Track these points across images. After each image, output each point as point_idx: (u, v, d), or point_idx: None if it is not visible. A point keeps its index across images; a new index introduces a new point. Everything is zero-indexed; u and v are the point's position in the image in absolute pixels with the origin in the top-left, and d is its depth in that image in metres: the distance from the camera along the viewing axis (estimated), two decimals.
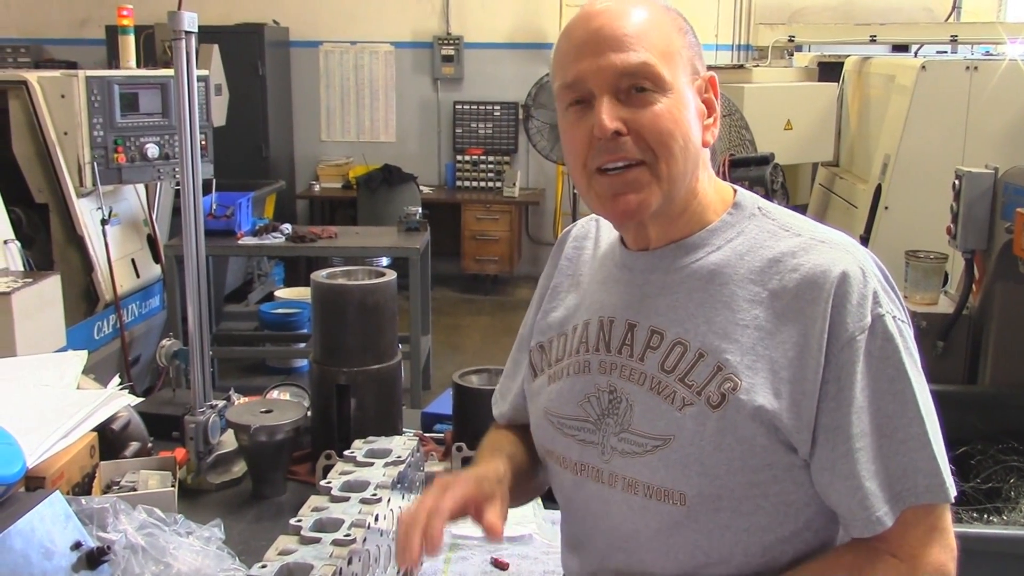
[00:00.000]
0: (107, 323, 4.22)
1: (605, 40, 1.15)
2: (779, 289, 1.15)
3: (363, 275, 2.04)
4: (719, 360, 1.15)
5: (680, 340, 1.18)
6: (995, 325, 3.02)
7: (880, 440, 1.12)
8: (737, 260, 1.19)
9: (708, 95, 1.23)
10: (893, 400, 1.12)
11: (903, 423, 1.12)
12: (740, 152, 4.38)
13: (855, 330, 1.11)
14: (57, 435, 1.70)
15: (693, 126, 1.18)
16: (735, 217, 1.24)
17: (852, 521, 1.14)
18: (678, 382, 1.17)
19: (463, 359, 6.05)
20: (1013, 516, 2.55)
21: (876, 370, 1.12)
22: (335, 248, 5.16)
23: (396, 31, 8.17)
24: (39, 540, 1.33)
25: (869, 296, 1.12)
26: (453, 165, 8.22)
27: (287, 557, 1.26)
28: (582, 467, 1.26)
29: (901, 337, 1.14)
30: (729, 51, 7.83)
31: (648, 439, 1.18)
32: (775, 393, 1.12)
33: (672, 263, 1.23)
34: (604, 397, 1.24)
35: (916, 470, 1.11)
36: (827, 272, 1.13)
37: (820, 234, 1.20)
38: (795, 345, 1.12)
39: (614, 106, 1.15)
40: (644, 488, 1.19)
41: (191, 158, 1.98)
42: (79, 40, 7.96)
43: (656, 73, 1.14)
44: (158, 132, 4.26)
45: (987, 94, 4.19)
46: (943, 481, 1.13)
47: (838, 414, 1.11)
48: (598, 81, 1.15)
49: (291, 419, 1.92)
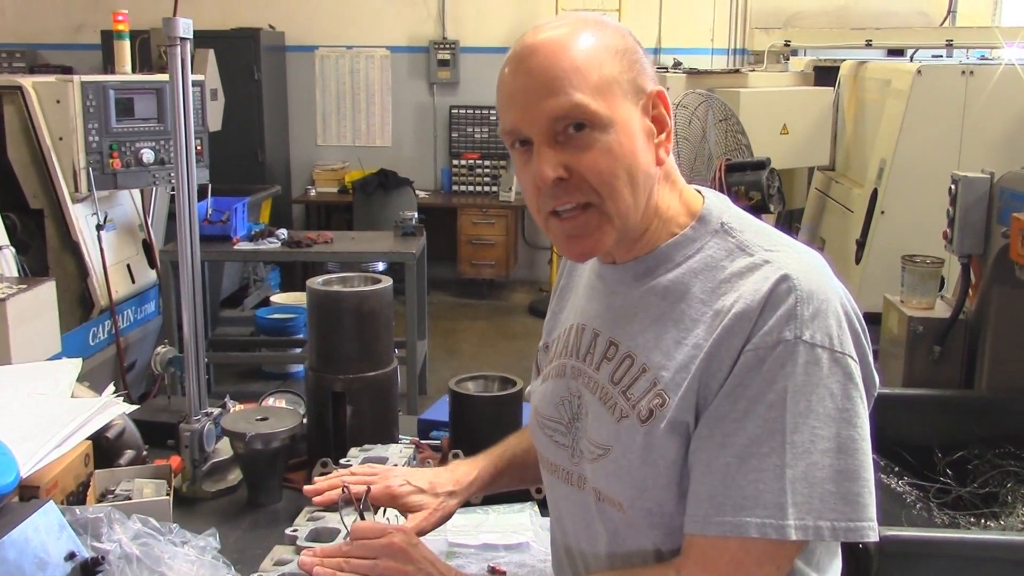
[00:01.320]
0: (102, 329, 4.21)
1: (536, 85, 1.14)
2: (720, 308, 1.14)
3: (359, 282, 2.03)
4: (655, 376, 1.16)
5: (630, 353, 1.20)
6: (991, 330, 3.02)
7: (729, 458, 1.09)
8: (691, 279, 1.19)
9: (657, 111, 1.20)
10: (761, 426, 1.08)
11: (761, 451, 1.08)
12: (736, 157, 4.39)
13: (752, 346, 1.09)
14: (51, 444, 1.69)
15: (640, 153, 1.16)
16: (697, 231, 1.22)
17: (687, 515, 1.14)
18: (620, 394, 1.19)
19: (460, 364, 6.05)
20: (1010, 521, 2.54)
21: (757, 390, 1.09)
22: (331, 253, 5.16)
23: (392, 36, 8.18)
24: (33, 550, 1.32)
25: (784, 318, 1.09)
26: (449, 170, 8.22)
27: (282, 568, 1.26)
28: (555, 468, 1.33)
29: (814, 366, 1.08)
30: (725, 55, 7.84)
31: (596, 447, 1.22)
32: (688, 406, 1.13)
33: (634, 278, 1.24)
34: (574, 402, 1.28)
35: (756, 503, 1.07)
36: (757, 291, 1.11)
37: (772, 253, 1.16)
38: (710, 356, 1.12)
39: (553, 152, 1.14)
40: (596, 493, 1.24)
41: (186, 164, 1.97)
42: (75, 45, 7.95)
43: (591, 112, 1.12)
44: (153, 137, 4.26)
45: (983, 98, 4.20)
46: (782, 520, 1.06)
47: (705, 417, 1.12)
48: (534, 129, 1.14)
49: (287, 427, 1.91)
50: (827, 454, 1.07)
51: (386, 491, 1.45)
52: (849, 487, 1.08)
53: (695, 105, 4.37)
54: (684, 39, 7.52)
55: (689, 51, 7.51)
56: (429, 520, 1.46)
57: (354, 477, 1.46)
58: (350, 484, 1.41)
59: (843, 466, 1.08)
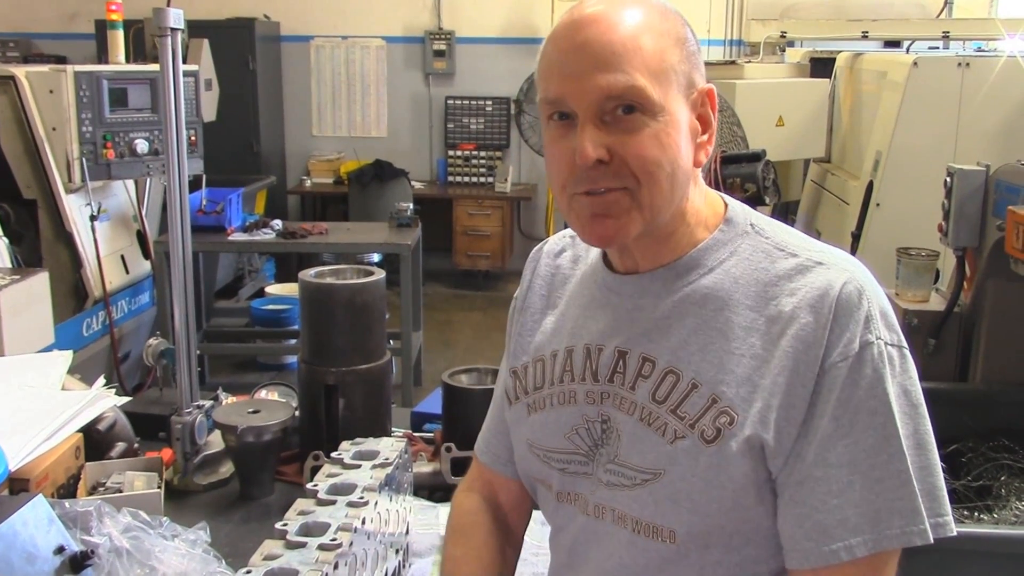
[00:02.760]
0: (96, 320, 4.20)
1: (592, 57, 1.06)
2: (775, 315, 1.08)
3: (352, 274, 2.02)
4: (714, 392, 1.08)
5: (672, 369, 1.11)
6: (986, 323, 3.01)
7: (851, 476, 1.04)
8: (732, 284, 1.12)
9: (704, 109, 1.13)
10: (873, 434, 1.04)
11: (880, 460, 1.04)
12: (731, 149, 4.38)
13: (838, 357, 1.04)
14: (41, 437, 1.68)
15: (683, 148, 1.10)
16: (727, 234, 1.16)
17: (792, 550, 1.07)
18: (669, 413, 1.10)
19: (454, 355, 6.05)
20: (1003, 514, 2.54)
21: (858, 401, 1.04)
22: (326, 244, 5.15)
23: (387, 26, 8.15)
24: (22, 544, 1.31)
25: (861, 321, 1.06)
26: (445, 160, 8.20)
27: (272, 562, 1.25)
28: (571, 497, 1.22)
29: (891, 366, 1.06)
30: (721, 47, 7.83)
31: (637, 472, 1.12)
32: (764, 424, 1.06)
33: (663, 287, 1.15)
34: (597, 427, 1.17)
35: (892, 512, 1.04)
36: (823, 295, 1.06)
37: (816, 254, 1.12)
38: (785, 370, 1.06)
39: (598, 132, 1.06)
40: (633, 523, 1.13)
41: (177, 155, 1.96)
42: (68, 35, 7.92)
43: (646, 96, 1.05)
44: (147, 127, 4.24)
45: (979, 91, 4.19)
46: (919, 524, 1.04)
47: (802, 440, 1.05)
48: (582, 104, 1.07)
49: (279, 419, 1.90)
50: (912, 451, 1.06)
51: None
52: (933, 482, 1.06)
53: None
54: None
55: None
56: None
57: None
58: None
59: (925, 462, 1.06)
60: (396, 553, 1.60)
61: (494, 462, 1.40)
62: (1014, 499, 2.58)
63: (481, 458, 1.43)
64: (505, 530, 1.39)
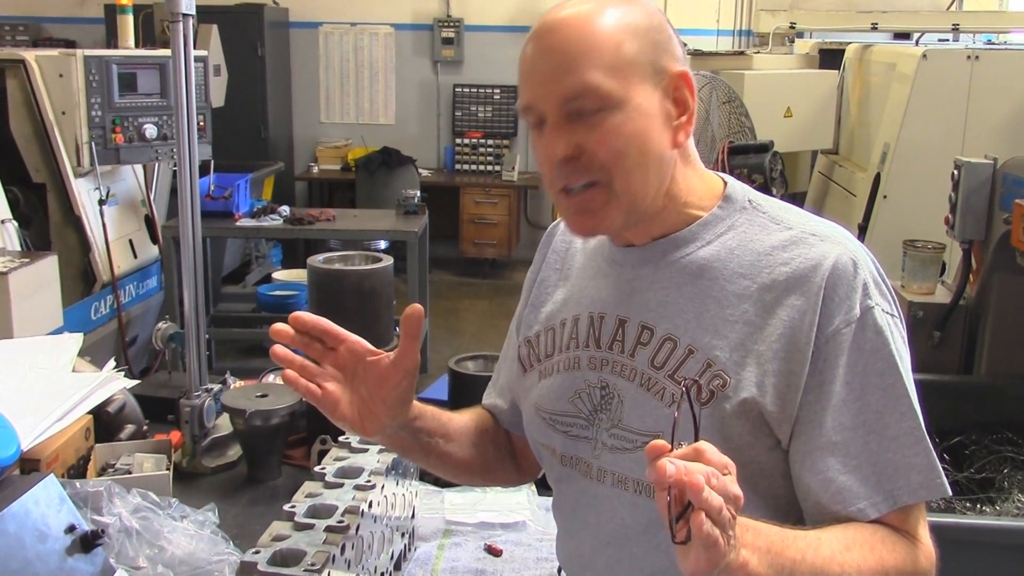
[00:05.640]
0: (104, 304, 4.22)
1: (549, 63, 1.13)
2: (769, 283, 1.14)
3: (360, 260, 2.04)
4: (708, 357, 1.14)
5: (670, 336, 1.17)
6: (992, 316, 3.02)
7: (867, 436, 1.11)
8: (727, 255, 1.18)
9: (680, 92, 1.17)
10: (883, 395, 1.11)
11: (894, 419, 1.11)
12: (739, 139, 4.38)
13: (841, 323, 1.11)
14: (52, 418, 1.70)
15: (654, 134, 1.14)
16: (725, 211, 1.22)
17: (819, 515, 1.12)
18: (668, 378, 1.16)
19: (461, 343, 6.06)
20: (1006, 506, 2.55)
21: (865, 364, 1.11)
22: (333, 231, 5.16)
23: (396, 13, 8.14)
24: (33, 523, 1.33)
25: (859, 288, 1.12)
26: (452, 148, 8.20)
27: (280, 543, 1.27)
28: (573, 461, 1.26)
29: (890, 331, 1.13)
30: (730, 37, 7.81)
31: (638, 435, 1.17)
32: (760, 388, 1.11)
33: (662, 257, 1.21)
34: (596, 393, 1.23)
35: (910, 467, 1.11)
36: (817, 265, 1.12)
37: (811, 227, 1.18)
38: (781, 337, 1.12)
39: (564, 130, 1.13)
40: (635, 484, 1.19)
41: (188, 139, 1.97)
42: (78, 19, 7.92)
43: (602, 93, 1.11)
44: (156, 112, 4.25)
45: (988, 84, 4.18)
46: (937, 476, 1.12)
47: (816, 407, 1.11)
48: (547, 107, 1.14)
49: (287, 403, 1.92)
50: (917, 407, 1.13)
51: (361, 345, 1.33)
52: (927, 445, 1.13)
53: (699, 87, 4.34)
54: (689, 20, 7.47)
55: (694, 32, 7.48)
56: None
57: None
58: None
59: None
60: (402, 536, 1.62)
61: (493, 407, 1.46)
62: (1017, 491, 2.59)
63: (484, 401, 1.48)
64: (505, 441, 1.45)
